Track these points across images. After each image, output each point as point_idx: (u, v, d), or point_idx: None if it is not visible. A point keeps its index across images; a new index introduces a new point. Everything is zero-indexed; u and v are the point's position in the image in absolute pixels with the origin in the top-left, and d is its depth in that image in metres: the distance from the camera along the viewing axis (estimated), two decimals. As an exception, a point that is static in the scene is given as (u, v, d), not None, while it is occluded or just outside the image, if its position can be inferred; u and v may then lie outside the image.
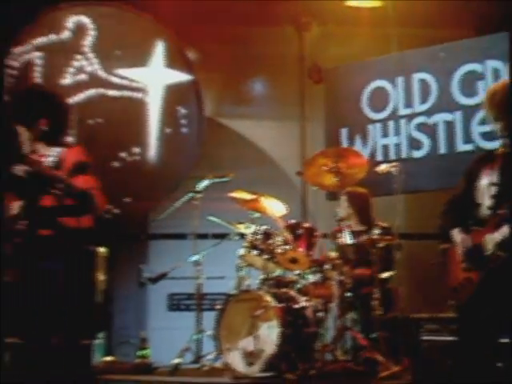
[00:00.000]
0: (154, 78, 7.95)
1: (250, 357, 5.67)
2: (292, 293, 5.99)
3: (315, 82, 8.40)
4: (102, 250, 6.76)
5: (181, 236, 7.65)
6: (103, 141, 7.67)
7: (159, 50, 7.97)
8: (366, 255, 6.01)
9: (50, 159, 4.29)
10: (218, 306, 5.97)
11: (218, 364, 6.05)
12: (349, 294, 5.89)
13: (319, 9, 8.13)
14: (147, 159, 7.93)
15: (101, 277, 6.65)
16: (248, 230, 6.23)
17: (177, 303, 8.08)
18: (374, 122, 7.92)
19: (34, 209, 4.17)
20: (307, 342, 5.81)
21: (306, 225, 6.20)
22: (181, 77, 8.01)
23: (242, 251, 6.20)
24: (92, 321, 4.36)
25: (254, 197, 6.29)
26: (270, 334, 5.63)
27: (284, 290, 6.00)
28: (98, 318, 6.35)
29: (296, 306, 5.86)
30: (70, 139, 4.53)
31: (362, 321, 5.99)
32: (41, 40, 7.89)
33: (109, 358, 6.81)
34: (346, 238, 5.99)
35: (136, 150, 7.88)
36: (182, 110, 8.00)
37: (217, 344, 5.87)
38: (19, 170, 4.12)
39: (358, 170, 6.13)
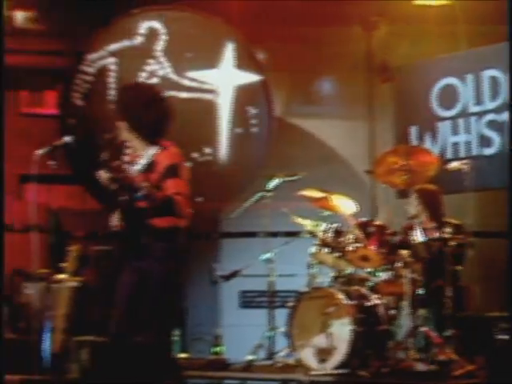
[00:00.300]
0: (224, 79, 8.02)
1: (323, 354, 5.74)
2: (363, 290, 6.03)
3: (383, 81, 8.39)
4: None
5: (252, 234, 7.75)
6: (175, 142, 7.76)
7: (229, 51, 8.05)
8: (437, 253, 6.00)
9: (144, 160, 4.26)
10: (290, 304, 6.05)
11: (290, 360, 6.12)
12: (420, 292, 5.89)
13: (387, 8, 8.13)
14: (218, 159, 8.03)
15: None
16: (319, 228, 6.28)
17: (248, 300, 8.16)
18: (443, 119, 7.88)
19: (130, 211, 4.17)
20: (379, 339, 5.85)
21: (377, 223, 6.23)
22: (250, 77, 8.07)
23: (313, 249, 6.27)
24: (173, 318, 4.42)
25: (324, 195, 6.35)
26: (342, 332, 5.69)
27: (355, 287, 6.04)
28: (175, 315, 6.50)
29: (368, 304, 5.90)
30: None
31: (435, 319, 5.98)
32: (114, 46, 8.03)
33: (183, 355, 6.96)
34: (418, 236, 6.00)
35: (207, 150, 7.98)
36: (252, 110, 8.06)
37: (289, 341, 5.95)
38: (103, 176, 4.12)
39: (428, 168, 6.14)
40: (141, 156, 4.31)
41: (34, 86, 9.12)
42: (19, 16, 8.80)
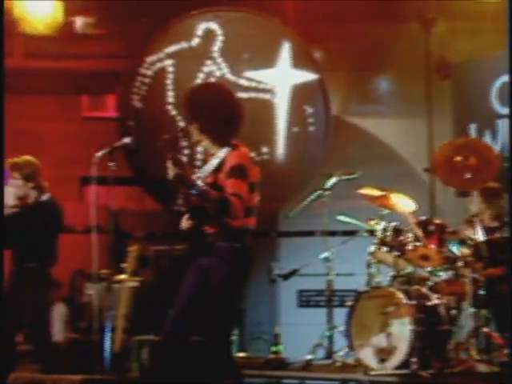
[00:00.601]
0: (281, 78, 8.03)
1: (383, 354, 5.70)
2: (424, 290, 5.96)
3: (442, 78, 8.29)
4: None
5: (310, 233, 7.73)
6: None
7: (286, 50, 8.05)
8: (499, 252, 5.90)
9: (216, 160, 4.21)
10: (349, 303, 6.03)
11: (350, 360, 6.09)
12: (482, 292, 5.80)
13: (445, 5, 8.04)
14: (275, 158, 8.05)
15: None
16: (377, 226, 6.23)
17: (306, 299, 8.16)
18: (503, 117, 7.74)
19: (198, 209, 4.14)
20: (440, 340, 5.78)
21: (437, 221, 6.14)
22: (307, 76, 8.06)
23: (372, 248, 6.22)
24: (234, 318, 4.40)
25: (382, 193, 6.29)
26: (402, 332, 5.64)
27: (415, 287, 5.97)
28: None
29: (428, 304, 5.84)
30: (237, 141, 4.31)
31: (497, 319, 5.89)
32: (172, 48, 8.11)
33: (242, 354, 6.99)
34: (479, 235, 5.90)
35: (264, 149, 8.00)
36: (309, 109, 8.05)
37: (348, 340, 5.93)
38: (171, 170, 4.05)
39: (490, 166, 6.03)
40: (213, 156, 4.27)
41: (95, 89, 9.28)
42: (79, 21, 8.96)
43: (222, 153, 4.21)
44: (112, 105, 9.24)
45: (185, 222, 4.21)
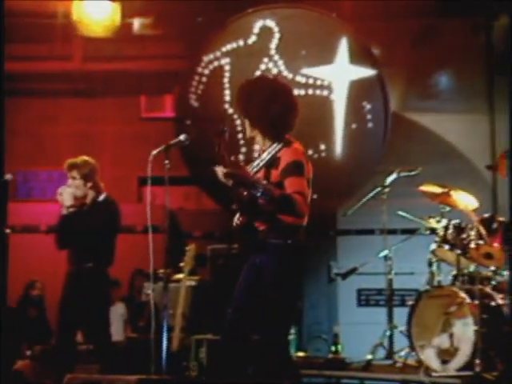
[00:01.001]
0: (338, 74, 7.95)
1: (445, 355, 5.58)
2: (487, 289, 5.79)
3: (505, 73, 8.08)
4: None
5: (370, 232, 7.63)
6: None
7: (343, 46, 7.98)
8: None
9: (268, 156, 4.10)
10: (410, 302, 5.92)
11: (411, 361, 5.98)
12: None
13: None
14: (334, 156, 7.97)
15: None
16: (439, 224, 6.10)
17: (366, 299, 8.09)
18: None
19: (252, 202, 4.04)
20: (505, 341, 5.60)
21: (501, 219, 5.97)
22: (365, 72, 7.96)
23: (433, 246, 6.09)
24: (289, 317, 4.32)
25: (444, 190, 6.14)
26: (465, 332, 5.51)
27: (479, 286, 5.80)
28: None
29: (492, 304, 5.67)
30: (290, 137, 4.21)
31: None
32: (229, 46, 8.12)
33: (301, 354, 6.92)
34: (545, 233, 5.72)
35: (322, 147, 7.92)
36: (368, 106, 7.95)
37: (409, 340, 5.82)
38: (219, 171, 3.97)
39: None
40: (264, 151, 4.16)
41: (153, 90, 9.34)
42: (137, 22, 9.03)
43: (273, 148, 4.10)
44: (170, 105, 9.29)
45: (236, 220, 4.13)
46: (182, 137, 4.53)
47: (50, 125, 9.40)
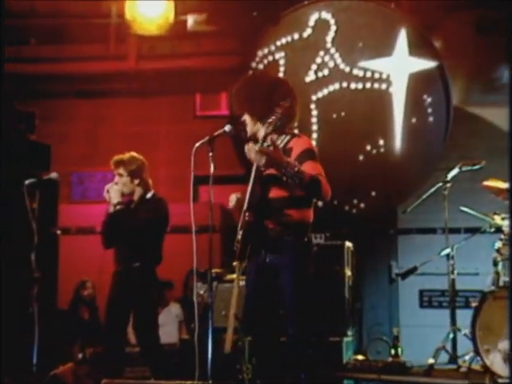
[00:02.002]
0: (397, 67, 7.73)
1: (512, 359, 5.27)
2: (557, 290, 5.48)
3: None
4: (348, 244, 6.65)
5: (430, 230, 7.37)
6: (347, 134, 7.61)
7: (402, 38, 7.74)
8: None
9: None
10: (474, 304, 5.68)
11: (475, 365, 5.70)
12: None
13: None
14: (393, 151, 7.73)
15: (348, 272, 6.54)
16: (504, 221, 5.81)
17: (428, 300, 7.86)
18: None
19: (262, 199, 4.05)
20: None
21: None
22: (426, 64, 7.72)
23: (498, 244, 5.80)
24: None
25: (509, 185, 5.84)
26: (533, 335, 5.19)
27: (547, 286, 5.50)
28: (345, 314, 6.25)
29: (563, 305, 5.35)
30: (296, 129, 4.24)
31: None
32: (284, 40, 8.00)
33: (359, 357, 6.69)
34: None
35: (381, 141, 7.70)
36: (428, 99, 7.70)
37: (474, 344, 5.56)
38: (251, 148, 3.98)
39: None
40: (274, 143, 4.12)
41: (208, 88, 9.24)
42: (190, 19, 8.95)
43: (282, 140, 4.15)
44: (225, 103, 9.19)
45: (245, 216, 4.10)
46: (226, 127, 4.40)
47: (105, 125, 9.39)
